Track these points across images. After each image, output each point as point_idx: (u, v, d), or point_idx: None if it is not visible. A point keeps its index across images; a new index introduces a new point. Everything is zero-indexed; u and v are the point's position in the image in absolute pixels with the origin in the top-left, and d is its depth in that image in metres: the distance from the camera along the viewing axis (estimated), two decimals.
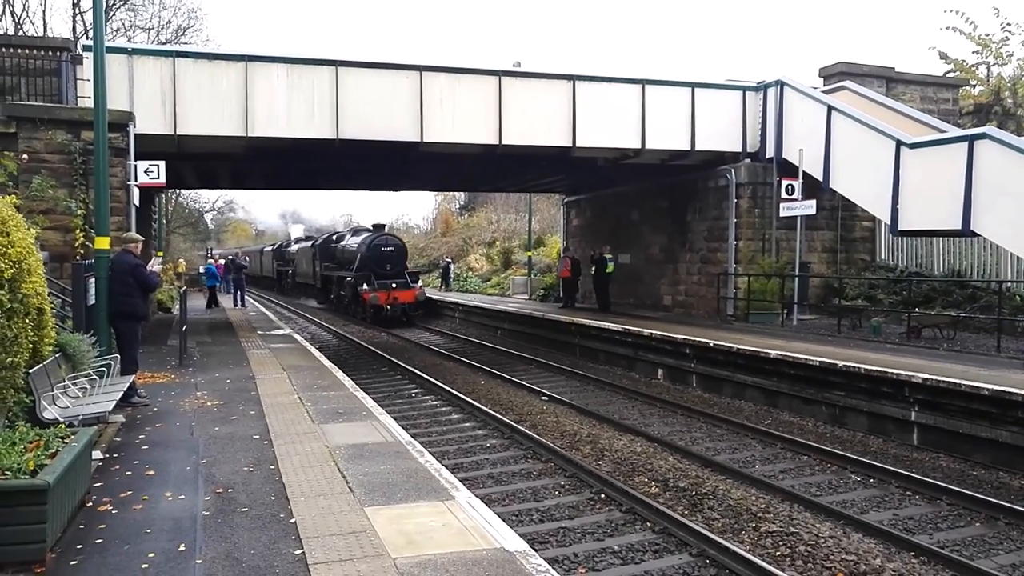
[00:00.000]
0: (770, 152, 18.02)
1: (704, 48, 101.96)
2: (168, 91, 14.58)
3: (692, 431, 11.06)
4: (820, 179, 16.53)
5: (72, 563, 4.50)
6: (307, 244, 37.77)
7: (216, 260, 36.98)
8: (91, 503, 5.50)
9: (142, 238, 10.40)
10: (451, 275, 37.90)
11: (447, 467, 7.33)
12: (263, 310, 27.37)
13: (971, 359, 11.81)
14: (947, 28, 28.23)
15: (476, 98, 16.44)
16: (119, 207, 12.60)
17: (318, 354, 14.01)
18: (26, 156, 12.59)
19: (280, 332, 18.20)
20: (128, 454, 6.91)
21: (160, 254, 24.61)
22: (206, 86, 14.83)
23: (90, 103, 11.29)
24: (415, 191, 44.56)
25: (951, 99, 20.98)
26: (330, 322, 27.20)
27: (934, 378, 9.85)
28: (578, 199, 26.31)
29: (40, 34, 27.50)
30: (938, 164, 13.90)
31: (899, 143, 14.51)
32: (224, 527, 5.08)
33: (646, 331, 15.75)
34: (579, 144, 17.14)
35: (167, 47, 22.02)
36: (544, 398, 13.22)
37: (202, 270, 32.27)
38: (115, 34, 30.02)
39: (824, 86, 19.13)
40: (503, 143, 16.60)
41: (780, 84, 17.89)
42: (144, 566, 4.45)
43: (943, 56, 24.60)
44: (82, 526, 5.07)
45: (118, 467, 6.48)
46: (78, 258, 11.83)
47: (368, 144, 16.16)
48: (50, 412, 6.59)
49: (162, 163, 13.06)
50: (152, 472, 6.34)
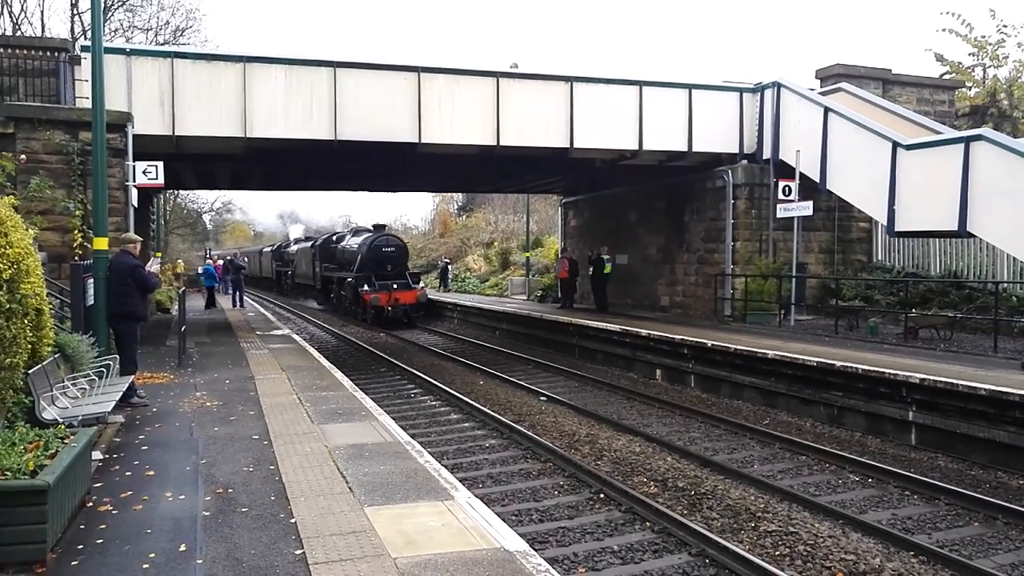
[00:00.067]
0: (767, 153, 18.06)
1: (701, 49, 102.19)
2: (166, 92, 14.57)
3: (690, 431, 11.08)
4: (817, 180, 16.56)
5: (73, 563, 4.51)
6: (307, 245, 37.34)
7: (214, 261, 36.97)
8: (91, 503, 5.51)
9: (141, 239, 10.41)
10: (449, 276, 37.89)
11: (446, 467, 7.34)
12: (262, 311, 27.34)
13: (968, 359, 11.84)
14: (943, 30, 28.32)
15: (474, 99, 16.46)
16: (117, 208, 12.61)
17: (317, 354, 14.02)
18: (24, 156, 12.58)
19: (279, 332, 18.20)
20: (128, 454, 6.91)
21: (159, 255, 24.58)
22: (204, 87, 14.83)
23: (88, 104, 11.23)
24: (413, 192, 44.62)
25: (947, 101, 21.04)
26: (329, 323, 27.17)
27: (931, 378, 9.88)
28: (576, 200, 26.33)
29: (38, 34, 27.48)
30: (934, 165, 13.94)
31: (896, 144, 14.55)
32: (224, 527, 5.09)
33: (644, 331, 15.77)
34: (577, 145, 17.17)
35: (165, 48, 22.04)
36: (543, 398, 13.23)
37: (200, 271, 32.21)
38: (113, 35, 30.03)
39: (821, 87, 19.16)
40: (501, 144, 16.62)
41: (777, 85, 17.92)
42: (145, 566, 4.46)
43: (939, 58, 24.63)
44: (82, 526, 5.08)
45: (118, 467, 6.48)
46: (76, 259, 11.82)
47: (367, 145, 16.16)
48: (49, 413, 6.59)
49: (160, 164, 13.08)
50: (152, 472, 6.35)
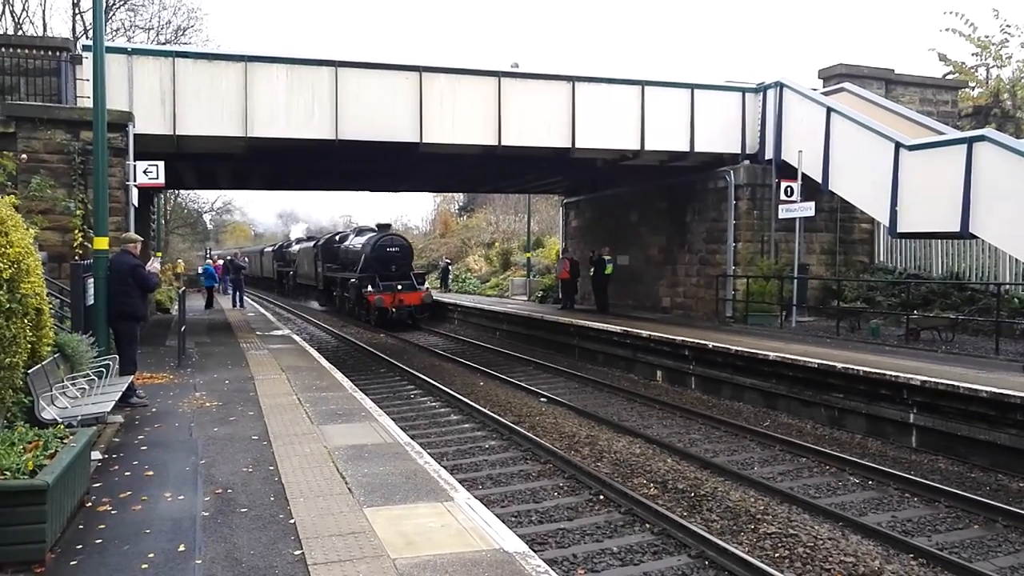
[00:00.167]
0: (769, 154, 18.03)
1: (703, 49, 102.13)
2: (168, 91, 14.58)
3: (691, 433, 11.06)
4: (819, 181, 16.54)
5: (72, 563, 4.50)
6: (309, 244, 36.87)
7: (214, 261, 36.96)
8: (90, 503, 5.50)
9: (141, 238, 10.41)
10: (450, 276, 37.88)
11: (446, 468, 7.33)
12: (262, 311, 27.35)
13: (970, 361, 11.82)
14: (946, 30, 28.25)
15: (476, 99, 16.46)
16: (118, 207, 12.61)
17: (317, 355, 14.01)
18: (25, 156, 12.58)
19: (279, 333, 18.20)
20: (127, 454, 6.90)
21: (159, 254, 24.59)
22: (206, 86, 14.83)
23: (89, 103, 11.28)
24: (414, 192, 44.56)
25: (950, 101, 21.01)
26: (329, 323, 27.17)
27: (933, 380, 9.86)
28: (577, 200, 26.32)
29: (40, 34, 27.52)
30: (937, 166, 13.91)
31: (898, 145, 14.52)
32: (223, 527, 5.08)
33: (645, 333, 15.76)
34: (578, 145, 17.16)
35: (167, 47, 22.03)
36: (543, 399, 13.22)
37: (200, 271, 32.21)
38: (115, 34, 30.05)
39: (823, 88, 19.14)
40: (502, 144, 16.61)
41: (779, 85, 17.90)
42: (144, 566, 4.45)
43: (942, 58, 24.62)
44: (81, 526, 5.07)
45: (117, 467, 6.47)
46: (77, 258, 11.83)
47: (368, 145, 16.16)
48: (49, 412, 6.59)
49: (161, 163, 13.08)
50: (151, 472, 6.34)
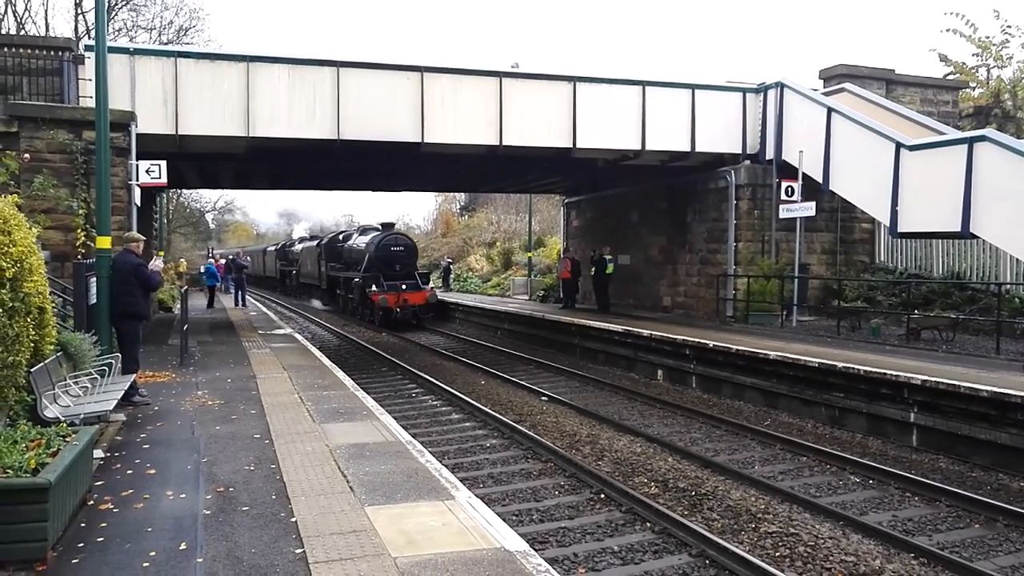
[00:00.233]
0: (770, 154, 18.03)
1: (704, 49, 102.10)
2: (170, 91, 14.61)
3: (692, 432, 11.08)
4: (820, 181, 16.54)
5: (73, 561, 4.52)
6: (312, 244, 36.65)
7: (216, 260, 36.96)
8: (92, 501, 5.52)
9: (144, 238, 10.43)
10: (451, 276, 37.90)
11: (447, 467, 7.34)
12: (264, 310, 27.38)
13: (970, 361, 11.82)
14: (947, 30, 28.25)
15: (477, 99, 16.47)
16: (120, 207, 12.62)
17: (319, 354, 14.03)
18: (28, 155, 12.59)
19: (281, 332, 18.23)
20: (129, 453, 6.93)
21: (161, 254, 24.63)
22: (208, 86, 14.86)
23: (92, 103, 11.31)
24: (416, 192, 44.58)
25: (951, 101, 20.99)
26: (331, 322, 27.20)
27: (933, 380, 9.86)
28: (578, 200, 26.33)
29: (42, 34, 27.59)
30: (938, 166, 13.91)
31: (899, 145, 14.52)
32: (225, 526, 5.10)
33: (646, 332, 15.76)
34: (579, 145, 17.17)
35: (169, 47, 22.05)
36: (544, 398, 13.23)
37: (202, 270, 32.24)
38: (117, 34, 30.10)
39: (824, 88, 19.14)
40: (504, 144, 16.63)
41: (780, 86, 17.90)
42: (145, 564, 4.47)
43: (943, 58, 24.60)
44: (83, 524, 5.09)
45: (119, 466, 6.49)
46: (79, 257, 11.84)
47: (369, 145, 16.18)
48: (51, 411, 6.61)
49: (163, 163, 13.08)
50: (153, 471, 6.36)
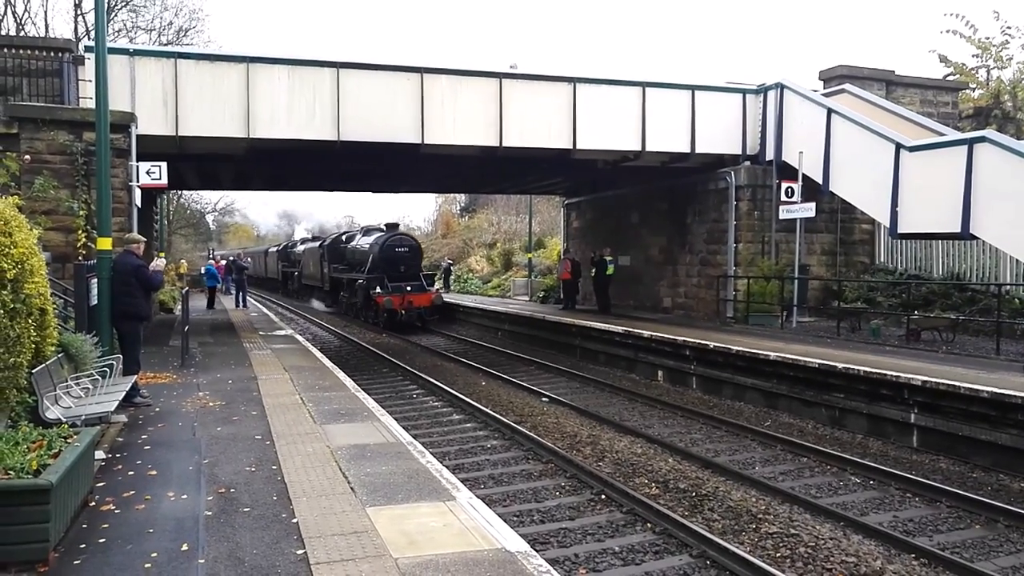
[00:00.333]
0: (770, 155, 18.04)
1: (704, 50, 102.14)
2: (170, 92, 14.61)
3: (692, 432, 11.08)
4: (820, 182, 16.55)
5: (75, 562, 4.53)
6: (314, 244, 36.28)
7: (217, 261, 36.98)
8: (94, 503, 5.52)
9: (144, 239, 10.43)
10: (451, 277, 37.89)
11: (448, 468, 7.34)
12: (265, 311, 27.39)
13: (970, 362, 11.82)
14: (947, 31, 28.28)
15: (477, 100, 16.48)
16: (121, 208, 12.63)
17: (319, 355, 14.04)
18: (28, 157, 12.61)
19: (282, 333, 18.23)
20: (131, 454, 6.93)
21: (162, 255, 24.62)
22: (208, 87, 14.86)
23: (92, 104, 11.32)
24: (416, 193, 44.59)
25: (951, 102, 21.02)
26: (331, 323, 27.20)
27: (934, 380, 9.87)
28: (578, 201, 26.34)
29: (42, 35, 27.58)
30: (938, 167, 13.92)
31: (899, 146, 14.53)
32: (226, 527, 5.10)
33: (646, 333, 15.77)
34: (579, 146, 17.17)
35: (169, 48, 22.07)
36: (545, 399, 13.24)
37: (203, 271, 32.25)
38: (117, 35, 30.10)
39: (824, 89, 19.15)
40: (504, 145, 16.63)
41: (780, 87, 17.91)
42: (147, 566, 4.47)
43: (943, 59, 24.62)
44: (85, 526, 5.09)
45: (121, 467, 6.50)
46: (80, 259, 11.85)
47: (369, 146, 16.18)
48: (53, 412, 6.62)
49: (164, 164, 13.10)
50: (154, 472, 6.36)
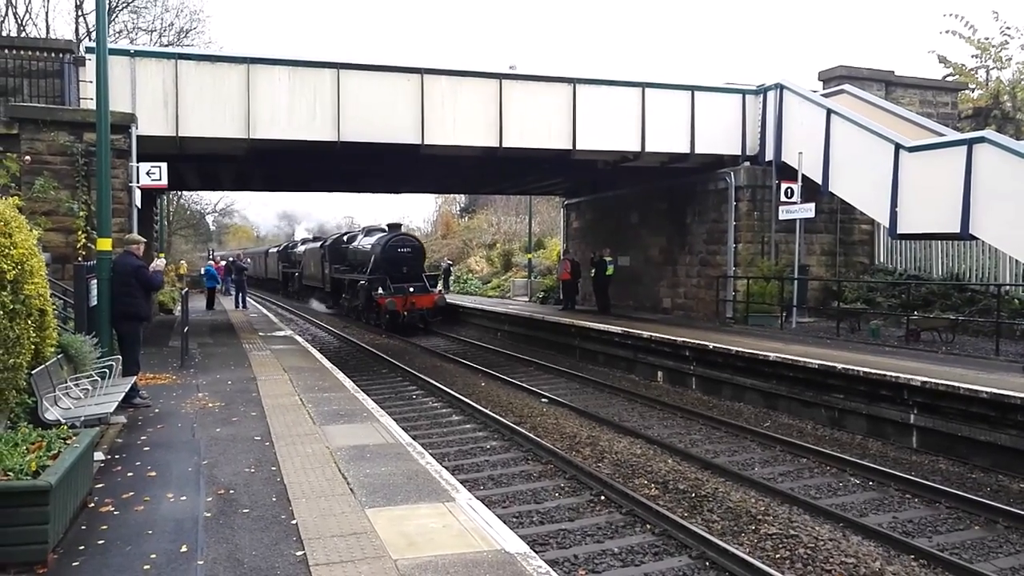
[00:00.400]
0: (769, 155, 18.04)
1: (704, 50, 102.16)
2: (170, 93, 14.62)
3: (692, 433, 11.08)
4: (819, 182, 16.55)
5: (74, 564, 4.52)
6: (315, 245, 35.89)
7: (216, 262, 36.95)
8: (93, 504, 5.52)
9: (144, 240, 10.43)
10: (451, 277, 37.86)
11: (448, 469, 7.36)
12: (264, 312, 27.38)
13: (970, 362, 11.82)
14: (946, 32, 28.28)
15: (477, 100, 16.49)
16: (121, 208, 12.63)
17: (319, 356, 14.03)
18: (28, 157, 12.62)
19: (281, 334, 18.23)
20: (130, 455, 6.93)
21: (162, 255, 24.62)
22: (208, 88, 14.87)
23: (92, 105, 11.34)
24: (416, 193, 44.61)
25: (950, 103, 21.03)
26: (331, 324, 27.19)
27: (933, 381, 9.87)
28: (578, 201, 26.35)
29: (43, 36, 27.58)
30: (937, 168, 13.92)
31: (898, 147, 14.54)
32: (226, 528, 5.10)
33: (646, 333, 15.77)
34: (579, 147, 17.18)
35: (169, 49, 22.07)
36: (544, 400, 13.24)
37: (202, 271, 32.24)
38: (117, 36, 30.11)
39: (823, 89, 19.16)
40: (504, 145, 16.64)
41: (779, 87, 17.92)
42: (146, 567, 4.47)
43: (942, 60, 24.62)
44: (84, 527, 5.09)
45: (120, 468, 6.50)
46: (80, 259, 11.85)
47: (369, 146, 16.18)
48: (52, 413, 6.62)
49: (164, 165, 13.11)
50: (154, 473, 6.36)
